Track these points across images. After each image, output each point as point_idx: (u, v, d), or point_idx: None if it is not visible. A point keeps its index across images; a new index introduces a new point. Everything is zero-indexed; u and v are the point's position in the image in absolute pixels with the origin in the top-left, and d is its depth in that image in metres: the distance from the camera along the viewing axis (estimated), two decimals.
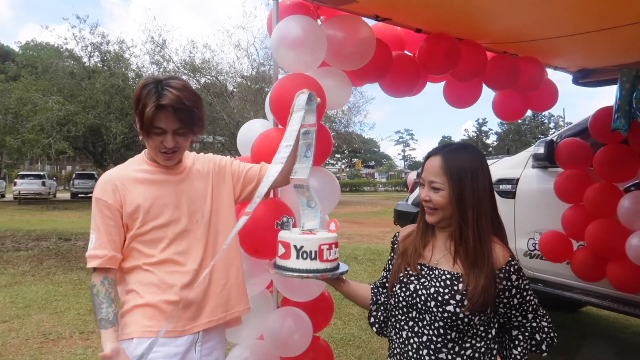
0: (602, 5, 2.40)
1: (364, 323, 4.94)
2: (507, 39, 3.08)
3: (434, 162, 1.50)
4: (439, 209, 1.48)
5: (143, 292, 1.64)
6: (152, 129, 1.61)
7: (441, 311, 1.41)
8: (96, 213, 1.65)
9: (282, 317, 2.31)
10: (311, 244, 1.55)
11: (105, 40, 21.80)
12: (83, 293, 5.96)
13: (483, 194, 1.46)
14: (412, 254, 1.55)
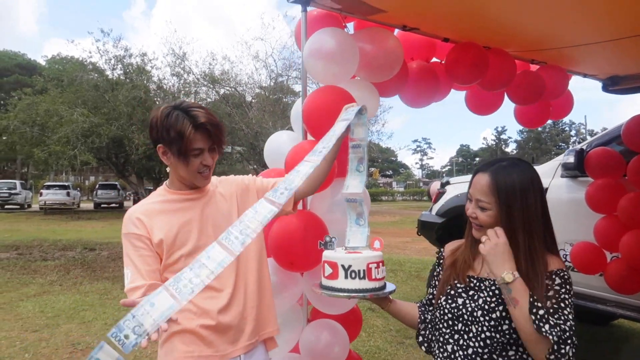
0: (635, 11, 2.35)
1: (389, 335, 4.89)
2: (536, 46, 3.04)
3: (481, 180, 1.46)
4: (485, 227, 1.45)
5: (180, 319, 1.61)
6: (192, 151, 1.60)
7: (488, 319, 1.38)
8: (128, 248, 1.61)
9: (318, 329, 2.30)
10: (359, 262, 1.51)
11: (128, 53, 22.27)
12: (109, 303, 6.03)
13: (534, 213, 1.41)
14: (462, 266, 1.52)
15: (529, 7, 2.38)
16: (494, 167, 1.45)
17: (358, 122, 1.87)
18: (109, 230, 15.63)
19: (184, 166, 1.62)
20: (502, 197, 1.40)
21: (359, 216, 1.75)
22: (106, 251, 10.33)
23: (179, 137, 1.56)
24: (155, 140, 1.63)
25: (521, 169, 1.45)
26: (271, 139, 2.72)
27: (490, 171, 1.44)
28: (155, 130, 1.61)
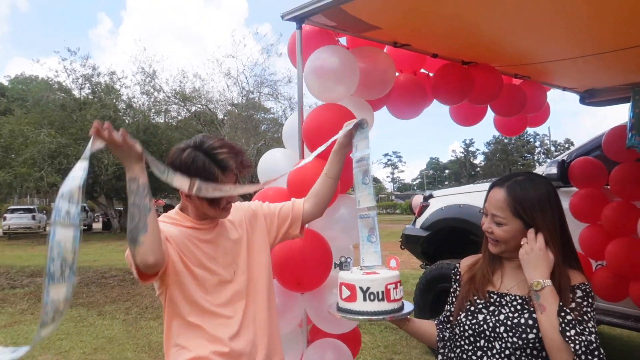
0: (612, 27, 2.44)
1: (378, 352, 4.84)
2: (519, 61, 3.11)
3: (497, 195, 1.44)
4: (501, 242, 1.44)
5: (191, 346, 1.55)
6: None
7: (511, 335, 1.36)
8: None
9: (322, 349, 2.26)
10: (377, 284, 1.48)
11: (96, 72, 21.90)
12: (85, 331, 5.78)
13: (553, 229, 1.39)
14: (481, 281, 1.50)
15: (513, 25, 2.44)
16: (510, 182, 1.44)
17: (360, 136, 1.86)
18: (79, 254, 15.09)
19: (210, 208, 1.57)
20: (518, 212, 1.40)
21: (371, 233, 1.73)
22: (78, 276, 9.96)
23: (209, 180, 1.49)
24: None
25: (537, 184, 1.44)
26: (265, 157, 2.68)
27: (506, 186, 1.44)
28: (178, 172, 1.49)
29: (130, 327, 5.87)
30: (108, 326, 5.96)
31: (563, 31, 2.54)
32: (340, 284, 1.54)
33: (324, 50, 2.24)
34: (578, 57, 2.88)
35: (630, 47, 2.65)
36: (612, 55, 2.80)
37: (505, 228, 1.42)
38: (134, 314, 6.58)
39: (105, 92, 21.82)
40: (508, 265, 1.50)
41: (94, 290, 8.39)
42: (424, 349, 4.81)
